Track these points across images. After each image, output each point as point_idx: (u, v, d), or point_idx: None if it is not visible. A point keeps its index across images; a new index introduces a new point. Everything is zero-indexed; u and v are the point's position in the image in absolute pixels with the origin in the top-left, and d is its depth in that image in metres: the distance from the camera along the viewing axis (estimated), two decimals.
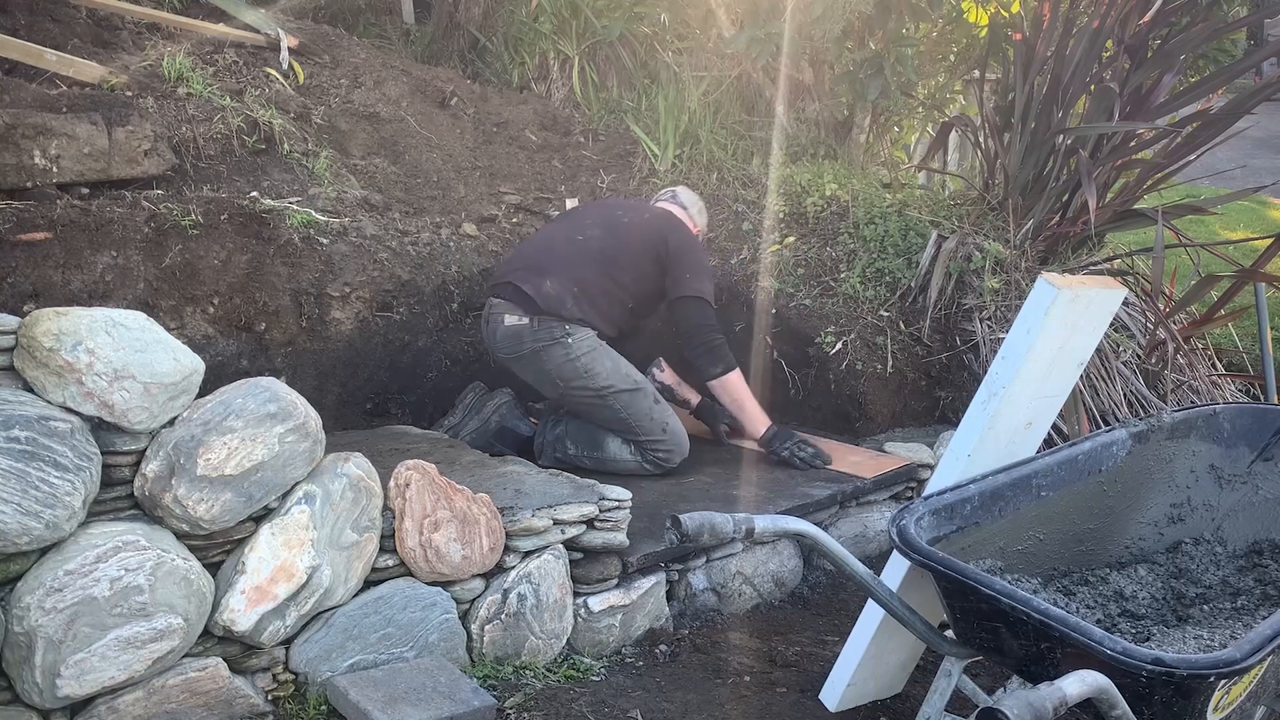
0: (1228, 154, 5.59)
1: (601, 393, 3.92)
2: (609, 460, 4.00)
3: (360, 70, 5.09)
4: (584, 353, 3.91)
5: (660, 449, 3.97)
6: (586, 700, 2.95)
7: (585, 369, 3.91)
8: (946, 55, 5.84)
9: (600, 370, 3.92)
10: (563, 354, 3.90)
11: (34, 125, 3.55)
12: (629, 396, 3.94)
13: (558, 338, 3.90)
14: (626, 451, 4.00)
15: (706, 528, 2.26)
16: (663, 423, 3.97)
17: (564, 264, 3.99)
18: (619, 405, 3.93)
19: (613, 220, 4.18)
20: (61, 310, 2.36)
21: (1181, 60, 4.62)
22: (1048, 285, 2.73)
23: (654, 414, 3.96)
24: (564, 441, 4.03)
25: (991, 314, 4.41)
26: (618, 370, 3.95)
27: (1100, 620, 2.68)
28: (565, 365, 3.90)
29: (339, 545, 2.72)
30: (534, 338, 3.91)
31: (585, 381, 3.91)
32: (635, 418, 3.94)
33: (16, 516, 2.24)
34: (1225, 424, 3.16)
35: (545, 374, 3.96)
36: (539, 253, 4.08)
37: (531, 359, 3.94)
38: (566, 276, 3.95)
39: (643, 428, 3.95)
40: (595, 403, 3.94)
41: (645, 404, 3.96)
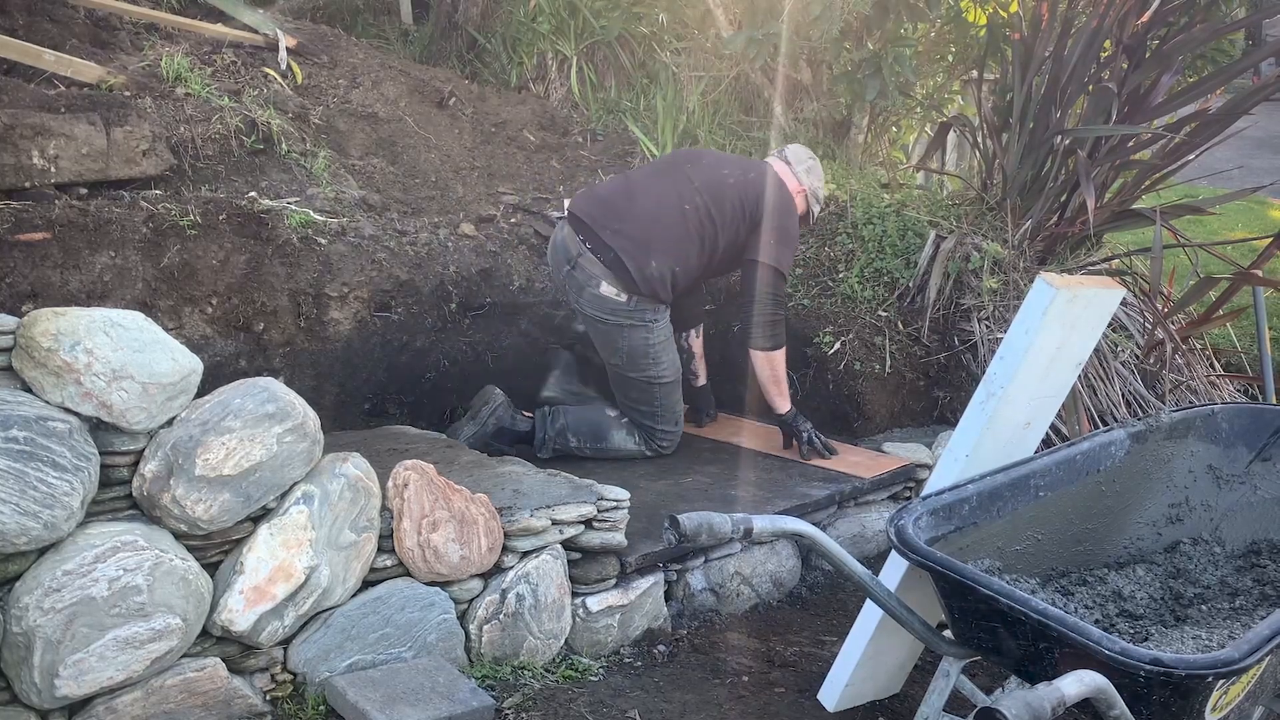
0: (1226, 154, 5.58)
1: (653, 380, 4.04)
2: (610, 449, 4.11)
3: (358, 70, 5.09)
4: (659, 340, 4.02)
5: (668, 438, 4.14)
6: (585, 700, 2.95)
7: (655, 357, 4.02)
8: (945, 55, 5.85)
9: (664, 360, 4.05)
10: (643, 338, 4.00)
11: (32, 125, 3.54)
12: (670, 388, 4.10)
13: (646, 322, 3.98)
14: (631, 441, 4.11)
15: (705, 528, 2.26)
16: (677, 415, 4.16)
17: (672, 243, 3.96)
18: (659, 394, 4.07)
19: (719, 184, 4.09)
20: (60, 310, 2.36)
21: (1180, 60, 4.62)
22: (1046, 285, 2.73)
23: (678, 406, 4.15)
24: (565, 435, 4.07)
25: (990, 314, 4.41)
26: (674, 363, 4.10)
27: (1098, 620, 2.69)
28: (639, 347, 4.00)
29: (337, 545, 2.72)
30: (627, 316, 3.98)
31: (646, 366, 4.02)
32: (665, 407, 4.09)
33: (15, 517, 2.24)
34: (1223, 424, 3.16)
35: (615, 347, 4.03)
36: (647, 218, 3.98)
37: (613, 331, 4.01)
38: (671, 257, 3.95)
39: (664, 416, 4.10)
40: (639, 384, 4.06)
41: (676, 395, 4.13)
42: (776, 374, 4.15)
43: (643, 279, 3.91)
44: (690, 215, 3.99)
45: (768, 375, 4.15)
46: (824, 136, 5.63)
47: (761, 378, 4.17)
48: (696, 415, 4.61)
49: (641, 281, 3.91)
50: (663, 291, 3.96)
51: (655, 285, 3.94)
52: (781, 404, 4.20)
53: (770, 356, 4.11)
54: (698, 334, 4.54)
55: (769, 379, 4.16)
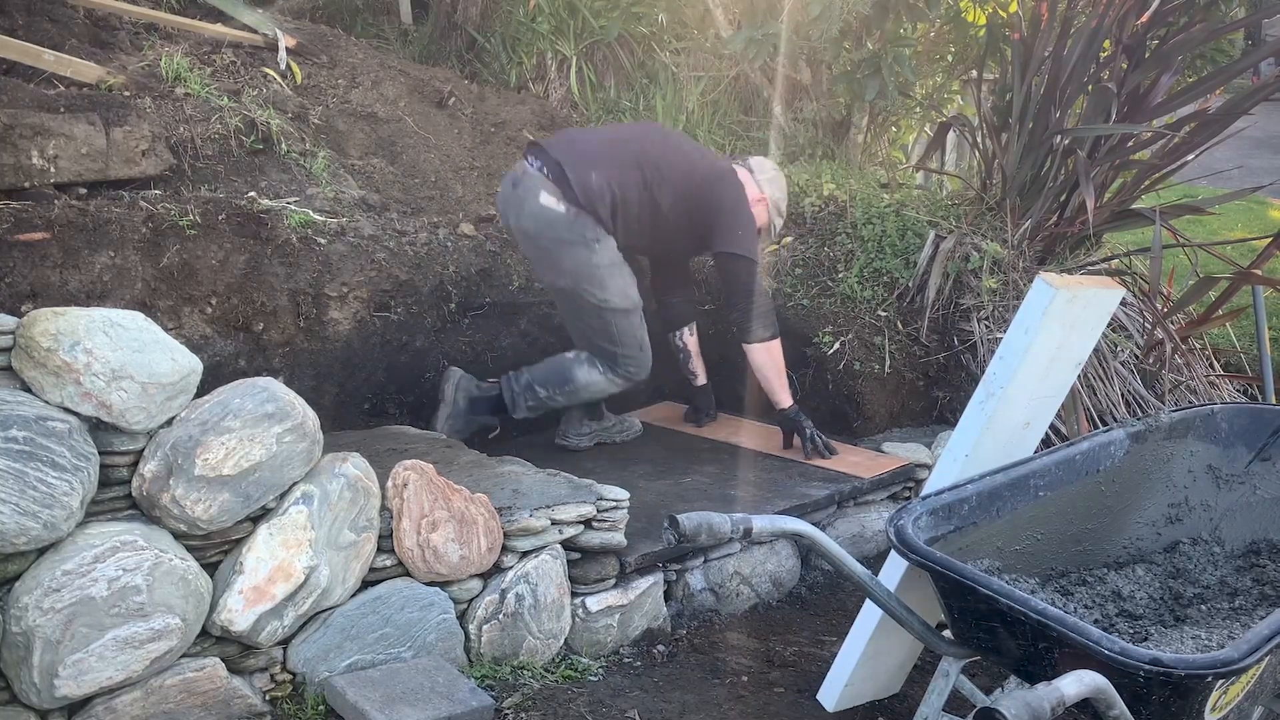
0: (1225, 154, 5.58)
1: (602, 305, 3.91)
2: (580, 389, 4.03)
3: (358, 70, 5.08)
4: (605, 264, 3.88)
5: (632, 364, 4.02)
6: (584, 700, 2.95)
7: (600, 281, 3.88)
8: (944, 55, 5.85)
9: (612, 286, 3.90)
10: (586, 257, 3.86)
11: (32, 125, 3.54)
12: (624, 315, 3.95)
13: (588, 239, 3.85)
14: (596, 372, 4.01)
15: (704, 528, 2.26)
16: (640, 341, 4.02)
17: (614, 163, 3.91)
18: (612, 320, 3.94)
19: (676, 143, 4.14)
20: (59, 310, 2.36)
21: (1179, 60, 4.62)
22: (1045, 285, 2.73)
23: (638, 333, 4.01)
24: (532, 389, 4.02)
25: (989, 314, 4.41)
26: (624, 291, 3.94)
27: (1098, 620, 2.69)
28: (584, 268, 3.87)
29: (337, 545, 2.72)
30: (567, 230, 3.85)
31: (594, 291, 3.89)
32: (621, 335, 3.97)
33: (14, 516, 2.24)
34: (1223, 424, 3.17)
35: (558, 267, 3.91)
36: (591, 143, 4.02)
37: (553, 248, 3.89)
38: (613, 177, 3.87)
39: (624, 344, 3.98)
40: (590, 310, 3.94)
41: (634, 322, 3.99)
42: (778, 365, 4.12)
43: (582, 189, 3.82)
44: (639, 155, 3.95)
45: (770, 368, 4.10)
46: (823, 136, 5.63)
47: (764, 371, 4.11)
48: (696, 415, 4.59)
49: (581, 191, 3.82)
50: (602, 208, 3.84)
51: (595, 199, 3.83)
52: (784, 398, 4.17)
53: (769, 347, 4.08)
54: (691, 332, 4.49)
55: (772, 371, 4.11)
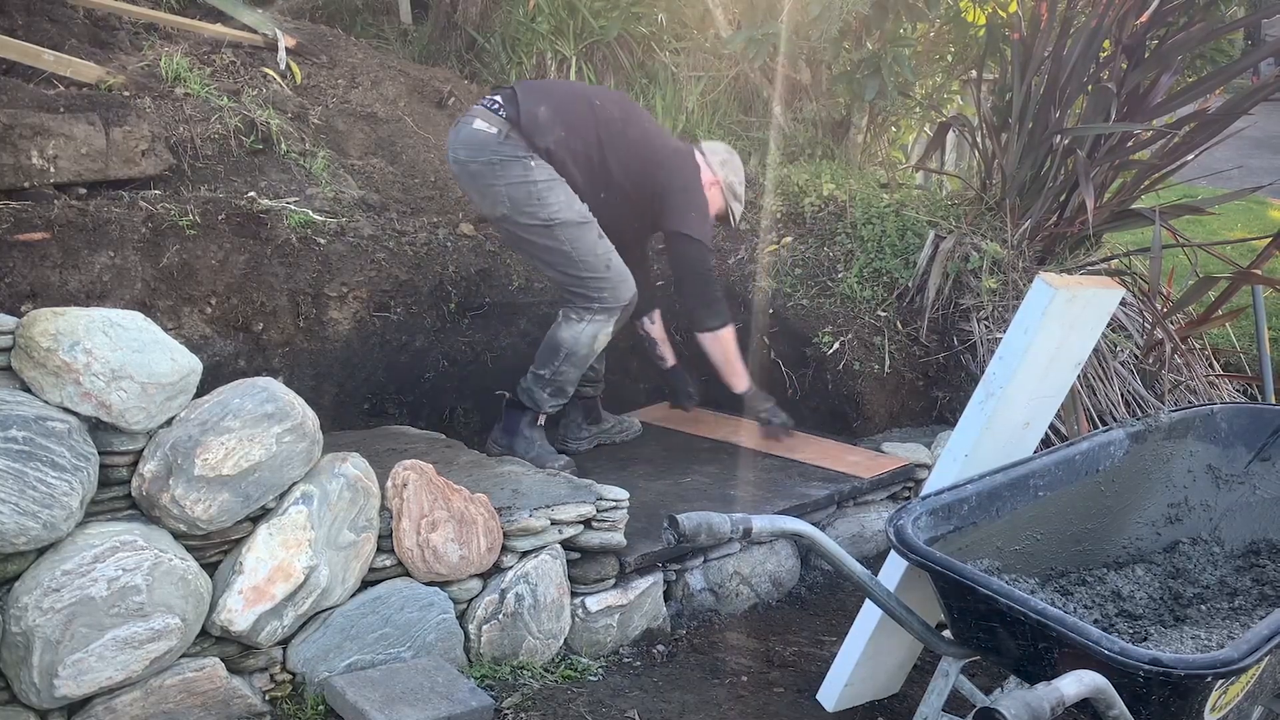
0: (1225, 154, 5.58)
1: (549, 222, 3.69)
2: (575, 349, 3.81)
3: (357, 70, 5.08)
4: (542, 179, 3.68)
5: (603, 285, 3.77)
6: (584, 700, 2.95)
7: (539, 195, 3.67)
8: (944, 55, 5.85)
9: (554, 200, 3.69)
10: (521, 173, 3.67)
11: (31, 125, 3.54)
12: (576, 230, 3.72)
13: (520, 156, 3.67)
14: (576, 324, 3.80)
15: (704, 528, 2.26)
16: (606, 259, 3.78)
17: (569, 109, 3.80)
18: (564, 237, 3.72)
19: (638, 115, 4.02)
20: (59, 310, 2.36)
21: (1179, 60, 4.63)
22: (1045, 285, 2.73)
23: (598, 248, 3.76)
24: (536, 376, 3.86)
25: (989, 314, 4.41)
26: (570, 205, 3.72)
27: (1098, 620, 2.69)
28: (520, 186, 3.67)
29: (336, 545, 2.72)
30: (497, 150, 3.68)
31: (536, 209, 3.68)
32: (580, 252, 3.73)
33: (14, 516, 2.24)
34: (1223, 424, 3.17)
35: (495, 192, 3.71)
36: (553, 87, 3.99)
37: (486, 171, 3.70)
38: (562, 118, 3.75)
39: (586, 263, 3.74)
40: (540, 232, 3.72)
41: (590, 237, 3.75)
42: (728, 354, 4.04)
43: (529, 115, 3.69)
44: (598, 113, 3.83)
45: (719, 356, 4.04)
46: (823, 136, 5.63)
47: (714, 360, 4.06)
48: (677, 397, 4.56)
49: (526, 116, 3.69)
50: (539, 135, 3.69)
51: (538, 129, 3.69)
52: (738, 383, 4.10)
53: (718, 336, 3.99)
54: (654, 320, 4.39)
55: (721, 360, 4.05)
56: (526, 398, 3.89)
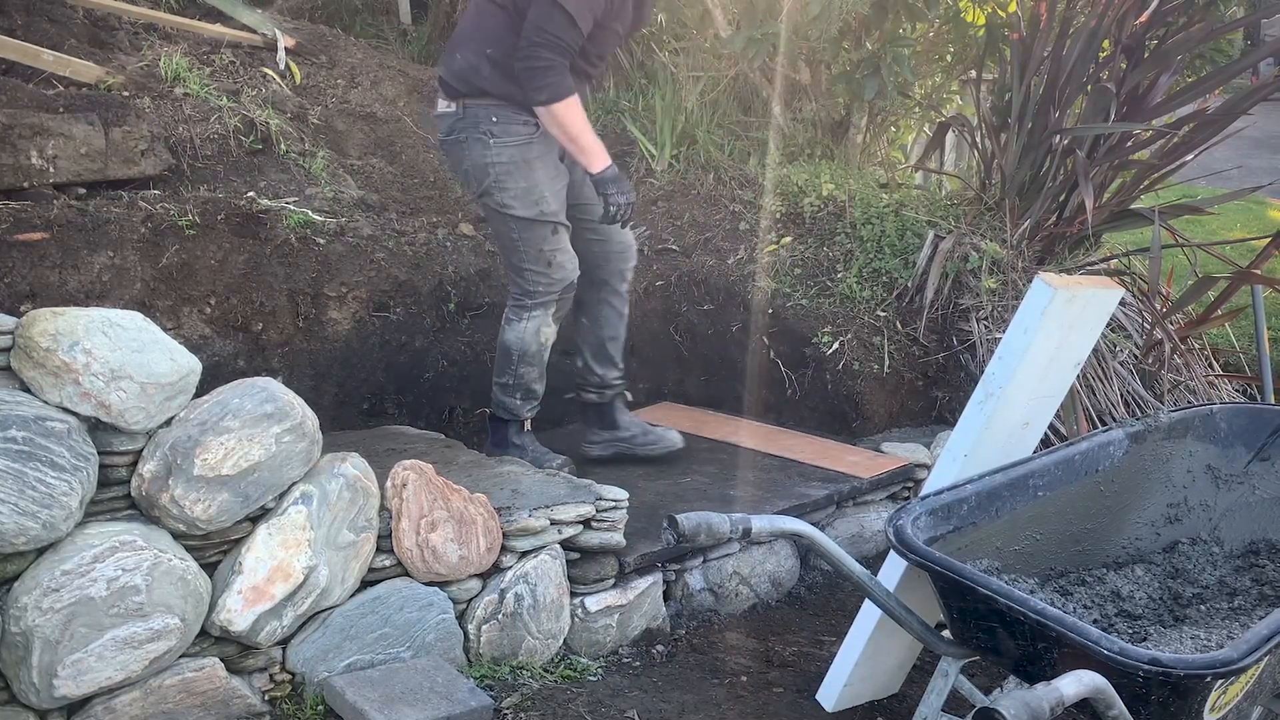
0: (1225, 154, 5.58)
1: (504, 210, 3.58)
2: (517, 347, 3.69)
3: (357, 70, 5.09)
4: (502, 162, 3.54)
5: (541, 281, 3.63)
6: (583, 700, 2.95)
7: (497, 179, 3.54)
8: (943, 55, 5.84)
9: (510, 187, 3.55)
10: (480, 153, 3.54)
11: (31, 125, 3.55)
12: (527, 226, 3.59)
13: (481, 133, 3.53)
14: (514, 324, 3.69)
15: (703, 528, 2.26)
16: (550, 257, 3.63)
17: (474, 30, 3.58)
18: (514, 229, 3.60)
19: None
20: (58, 310, 2.36)
21: (1178, 60, 4.63)
22: (1045, 285, 2.73)
23: (545, 245, 3.61)
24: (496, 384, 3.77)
25: (988, 314, 4.41)
26: (529, 194, 3.57)
27: (1097, 620, 2.69)
28: (478, 165, 3.56)
29: (336, 545, 2.72)
30: (461, 128, 3.57)
31: (490, 190, 3.57)
32: (525, 245, 3.61)
33: (13, 517, 2.24)
34: (1222, 424, 3.17)
35: (464, 171, 3.65)
36: (454, 35, 3.71)
37: (454, 150, 3.63)
38: (476, 42, 3.53)
39: (529, 255, 3.61)
40: (494, 216, 3.64)
41: (539, 235, 3.60)
42: (568, 130, 3.50)
43: (453, 75, 3.54)
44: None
45: (558, 133, 3.53)
46: (822, 136, 5.62)
47: (557, 138, 3.57)
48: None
49: (454, 79, 3.54)
50: (481, 79, 3.49)
51: (470, 75, 3.50)
52: (588, 160, 3.57)
53: (551, 112, 3.46)
54: None
55: (563, 138, 3.54)
56: (501, 410, 3.81)
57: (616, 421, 4.07)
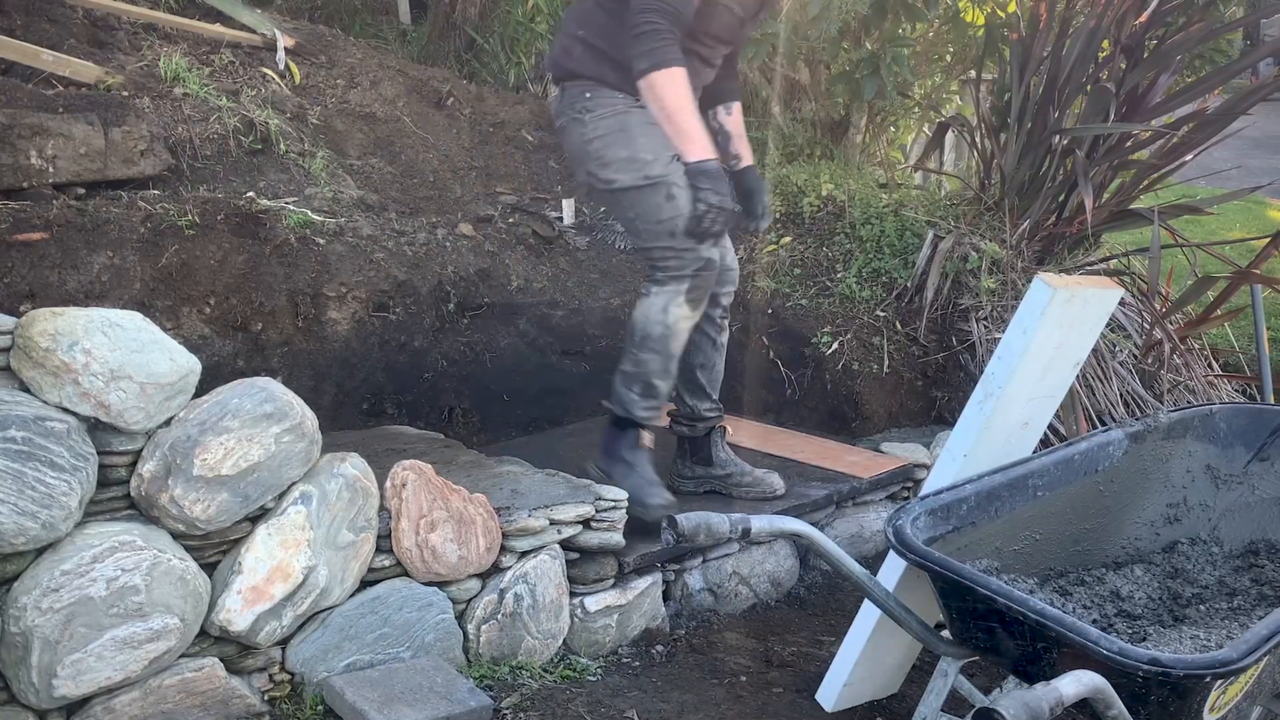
0: (1224, 154, 5.58)
1: (611, 186, 3.32)
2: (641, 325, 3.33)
3: (356, 70, 5.08)
4: (599, 135, 3.29)
5: (670, 255, 3.27)
6: (583, 700, 2.95)
7: (598, 154, 3.30)
8: (943, 55, 5.85)
9: (611, 159, 3.28)
10: (579, 133, 3.34)
11: (30, 125, 3.54)
12: (636, 194, 3.27)
13: (577, 112, 3.32)
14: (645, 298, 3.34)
15: (703, 528, 2.26)
16: (671, 225, 3.25)
17: (570, 13, 3.49)
18: (627, 205, 3.31)
19: None
20: (58, 310, 2.35)
21: (1178, 60, 4.63)
22: (1044, 285, 2.73)
23: (662, 214, 3.25)
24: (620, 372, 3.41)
25: (988, 314, 4.42)
26: (632, 160, 3.26)
27: (1096, 620, 2.69)
28: (581, 147, 3.34)
29: (335, 545, 2.72)
30: (560, 112, 3.40)
31: (597, 170, 3.32)
32: (642, 219, 3.29)
33: (13, 517, 2.24)
34: (1221, 424, 3.17)
35: (571, 155, 3.48)
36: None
37: (561, 136, 3.48)
38: (570, 23, 3.41)
39: (649, 231, 3.28)
40: (605, 197, 3.44)
41: (653, 201, 3.25)
42: (665, 105, 3.15)
43: (553, 62, 3.44)
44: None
45: (656, 109, 3.18)
46: (822, 136, 5.63)
47: (654, 116, 3.22)
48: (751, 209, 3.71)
49: (554, 66, 3.43)
50: (572, 61, 3.32)
51: (563, 59, 3.36)
52: (684, 146, 3.20)
53: (650, 82, 3.13)
54: (729, 110, 3.70)
55: (660, 115, 3.19)
56: (618, 405, 3.42)
57: (711, 457, 3.73)
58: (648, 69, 3.11)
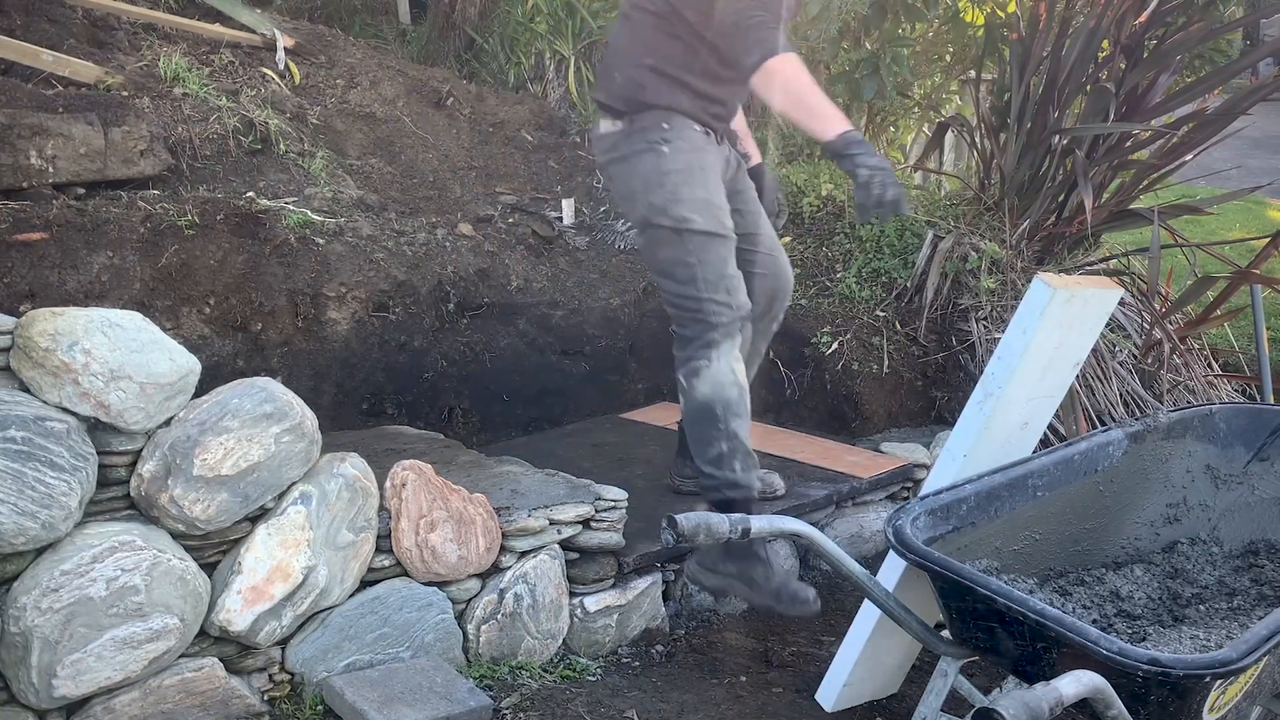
0: (1224, 154, 5.58)
1: (680, 226, 3.10)
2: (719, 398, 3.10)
3: (356, 70, 5.08)
4: (678, 169, 3.12)
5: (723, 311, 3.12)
6: (582, 700, 2.95)
7: (674, 189, 3.11)
8: (942, 55, 5.85)
9: (687, 198, 3.11)
10: (654, 163, 3.13)
11: (30, 125, 3.54)
12: (707, 241, 3.11)
13: (653, 142, 3.13)
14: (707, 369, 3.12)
15: (703, 528, 2.25)
16: (731, 282, 3.14)
17: (628, 42, 3.23)
18: (692, 250, 3.11)
19: None
20: (58, 310, 2.36)
21: (1178, 60, 4.63)
22: (1044, 285, 2.73)
23: (726, 270, 3.13)
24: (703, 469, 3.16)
25: (988, 314, 4.42)
26: (708, 204, 3.13)
27: (1096, 620, 2.69)
28: (652, 182, 3.13)
29: (335, 545, 2.72)
30: (628, 142, 3.18)
31: (669, 205, 3.12)
32: (705, 266, 3.11)
33: (13, 517, 2.24)
34: (1221, 424, 3.17)
35: (632, 192, 3.20)
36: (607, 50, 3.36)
37: (621, 168, 3.23)
38: (634, 53, 3.19)
39: (708, 283, 3.11)
40: (667, 237, 3.13)
41: (720, 253, 3.13)
42: (794, 89, 2.96)
43: (618, 98, 3.20)
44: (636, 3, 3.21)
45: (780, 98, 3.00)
46: None
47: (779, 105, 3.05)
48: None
49: (620, 101, 3.19)
50: (643, 92, 3.15)
51: (634, 93, 3.16)
52: (822, 125, 2.95)
53: (767, 71, 2.96)
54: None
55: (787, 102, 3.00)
56: (729, 489, 3.14)
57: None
58: (762, 57, 2.95)
